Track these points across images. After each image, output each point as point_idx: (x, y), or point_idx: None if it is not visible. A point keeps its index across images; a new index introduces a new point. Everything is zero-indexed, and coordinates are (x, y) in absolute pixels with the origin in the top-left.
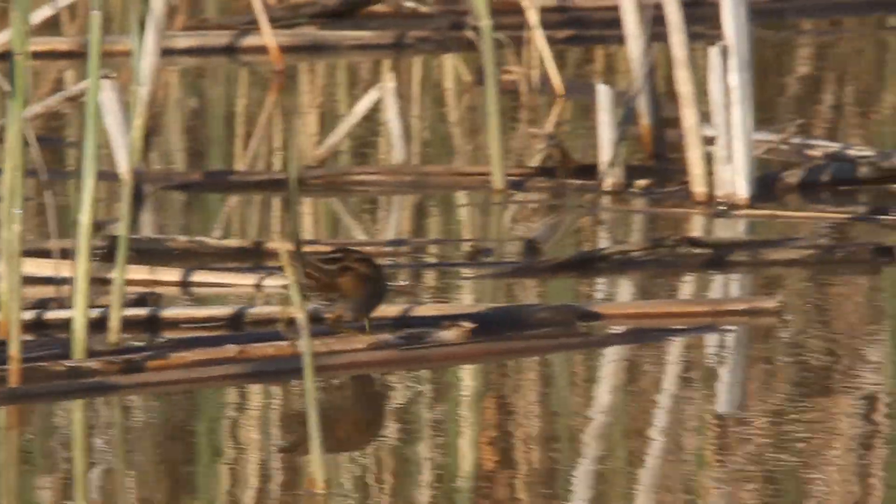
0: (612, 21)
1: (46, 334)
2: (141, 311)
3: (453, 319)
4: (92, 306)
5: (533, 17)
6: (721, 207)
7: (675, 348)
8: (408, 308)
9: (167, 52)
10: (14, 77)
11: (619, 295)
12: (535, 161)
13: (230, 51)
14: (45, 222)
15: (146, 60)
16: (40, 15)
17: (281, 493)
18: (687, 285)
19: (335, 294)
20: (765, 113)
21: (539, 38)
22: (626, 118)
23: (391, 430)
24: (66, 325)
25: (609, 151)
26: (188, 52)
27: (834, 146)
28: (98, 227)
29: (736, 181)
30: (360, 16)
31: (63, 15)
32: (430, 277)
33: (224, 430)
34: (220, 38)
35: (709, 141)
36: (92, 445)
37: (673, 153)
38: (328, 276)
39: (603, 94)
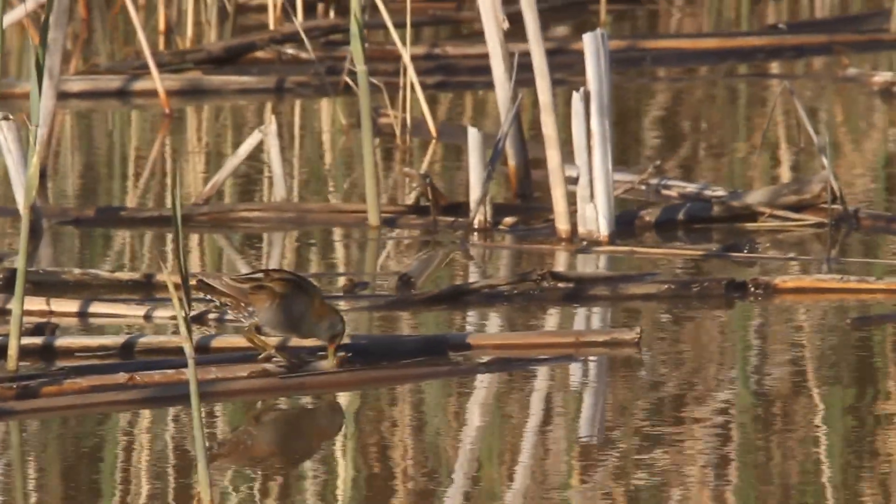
0: (480, 68)
1: None
2: (38, 340)
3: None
4: None
5: (408, 63)
6: (583, 244)
7: (539, 377)
8: (286, 338)
9: (62, 96)
10: None
11: (487, 326)
12: (409, 199)
13: (121, 94)
14: None
15: (42, 103)
16: None
17: None
18: (551, 317)
19: (250, 308)
20: (624, 155)
21: (413, 84)
22: (495, 159)
23: (277, 454)
24: None
25: (478, 190)
26: (81, 95)
27: (689, 186)
28: None
29: (597, 219)
30: (243, 62)
31: None
32: None
33: (116, 453)
34: (111, 82)
35: (572, 181)
36: None
37: (538, 192)
38: (241, 294)
39: (473, 136)
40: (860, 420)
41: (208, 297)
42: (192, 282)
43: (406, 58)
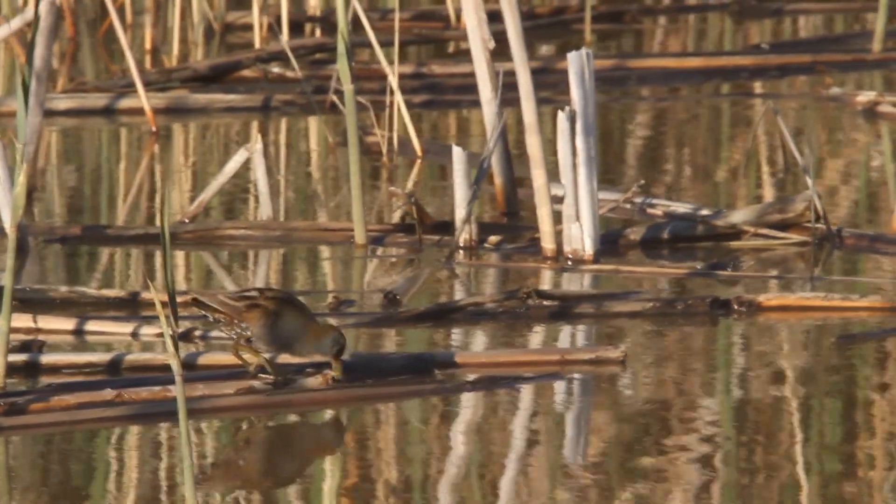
0: (466, 87)
1: None
2: (25, 357)
3: (316, 367)
4: None
5: (394, 82)
6: (568, 262)
7: (524, 395)
8: (274, 355)
9: (48, 113)
10: None
11: (473, 344)
12: (394, 218)
13: (107, 112)
14: None
15: (29, 121)
16: None
17: None
18: (536, 335)
19: (243, 325)
20: (609, 174)
21: (399, 103)
22: (480, 178)
23: (263, 472)
24: None
25: (464, 209)
26: (68, 113)
27: (673, 205)
28: None
29: (583, 238)
30: (230, 80)
31: None
32: None
33: (103, 470)
34: (98, 100)
35: (557, 200)
36: None
37: (524, 211)
38: (235, 311)
39: (458, 155)
40: (845, 438)
41: (203, 313)
42: (188, 299)
43: (392, 77)
